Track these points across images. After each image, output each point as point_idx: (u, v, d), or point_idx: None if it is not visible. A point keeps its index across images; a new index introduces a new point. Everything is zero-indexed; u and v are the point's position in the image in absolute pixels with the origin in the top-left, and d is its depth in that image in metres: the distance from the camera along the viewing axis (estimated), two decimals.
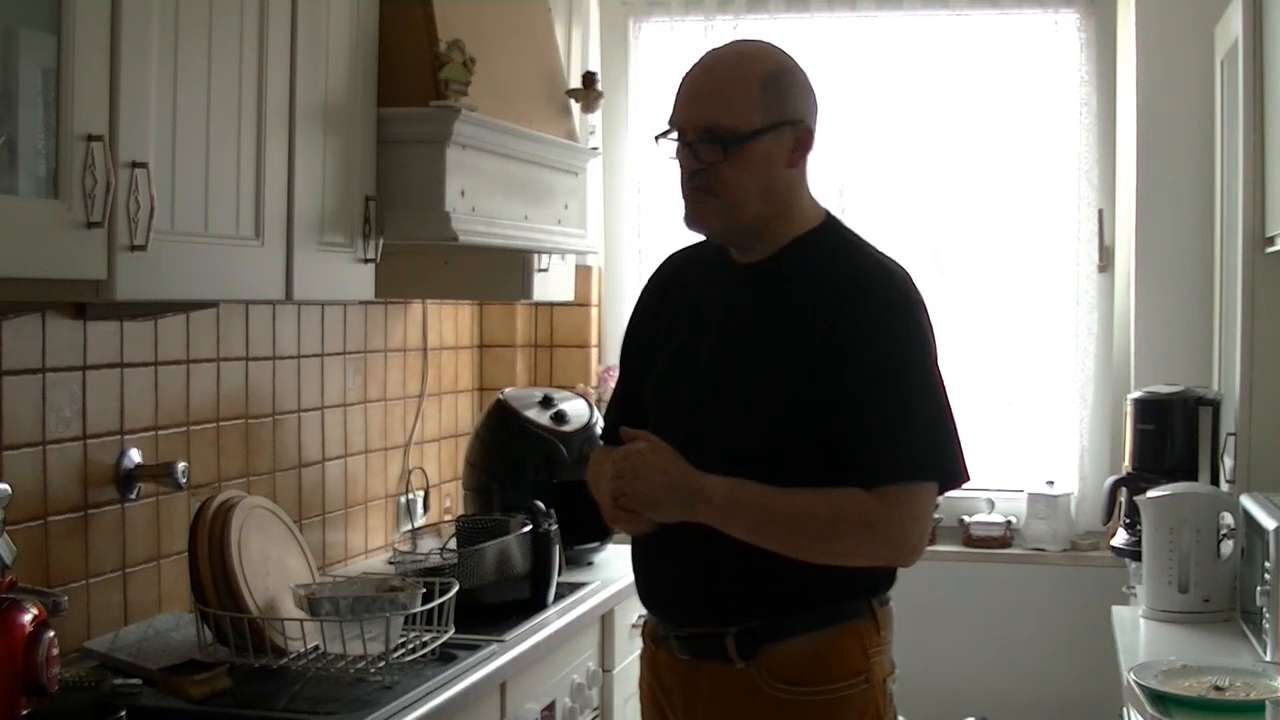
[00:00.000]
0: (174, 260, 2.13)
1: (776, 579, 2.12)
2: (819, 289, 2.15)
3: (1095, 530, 4.06)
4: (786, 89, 2.17)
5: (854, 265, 2.18)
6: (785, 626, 2.13)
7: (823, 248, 2.20)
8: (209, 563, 2.45)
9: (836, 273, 2.16)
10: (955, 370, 4.32)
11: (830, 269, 2.17)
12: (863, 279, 2.15)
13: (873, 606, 2.17)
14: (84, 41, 1.91)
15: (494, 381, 4.19)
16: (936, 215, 4.31)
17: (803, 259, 2.19)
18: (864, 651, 2.14)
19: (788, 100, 2.16)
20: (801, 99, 2.19)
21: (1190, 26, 3.79)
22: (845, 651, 2.14)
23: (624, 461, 2.14)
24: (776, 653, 2.13)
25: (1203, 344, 3.72)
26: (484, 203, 2.92)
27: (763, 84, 2.14)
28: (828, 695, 2.13)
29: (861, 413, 2.08)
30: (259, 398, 3.04)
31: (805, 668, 2.13)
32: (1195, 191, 3.80)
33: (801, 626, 2.13)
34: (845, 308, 2.11)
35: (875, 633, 2.16)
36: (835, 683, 2.13)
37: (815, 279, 2.16)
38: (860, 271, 2.17)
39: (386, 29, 2.76)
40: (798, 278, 2.17)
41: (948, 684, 4.11)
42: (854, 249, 2.23)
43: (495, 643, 2.72)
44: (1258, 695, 2.31)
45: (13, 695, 1.85)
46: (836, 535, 2.08)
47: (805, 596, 2.13)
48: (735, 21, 4.33)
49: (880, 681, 2.17)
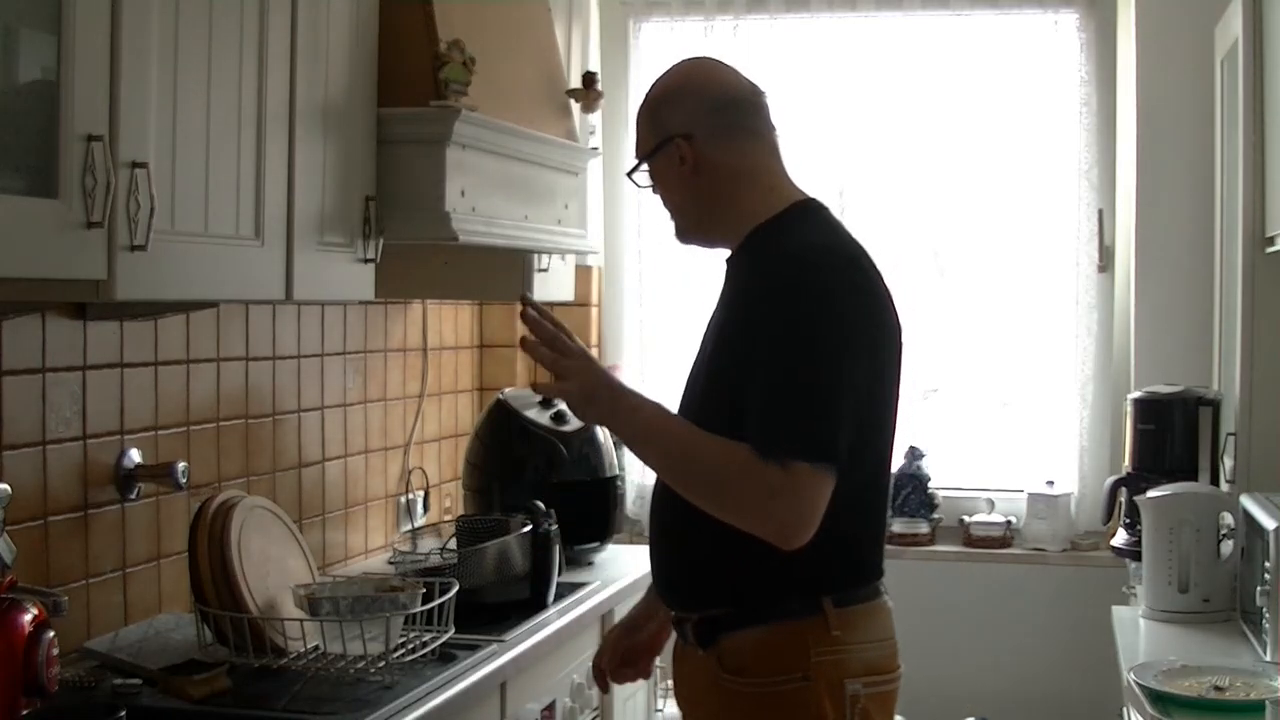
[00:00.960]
0: (174, 260, 2.13)
1: (731, 571, 2.17)
2: (752, 273, 2.22)
3: (1095, 530, 4.07)
4: (670, 106, 2.29)
5: (781, 249, 2.20)
6: (737, 618, 2.17)
7: (769, 234, 2.25)
8: (209, 563, 2.45)
9: (767, 256, 2.21)
10: (955, 370, 4.38)
11: (762, 256, 2.22)
12: (781, 262, 2.17)
13: (824, 605, 2.15)
14: (84, 41, 1.91)
15: (494, 381, 4.19)
16: (936, 215, 4.32)
17: (753, 247, 2.26)
18: (805, 650, 2.13)
19: (671, 117, 2.27)
20: (684, 111, 2.27)
21: (1190, 26, 3.79)
22: (784, 648, 2.15)
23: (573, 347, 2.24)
24: (729, 643, 2.18)
25: (1203, 344, 3.72)
26: (484, 203, 2.92)
27: (651, 111, 2.31)
28: (762, 689, 2.15)
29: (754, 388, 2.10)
30: (259, 398, 3.05)
31: (748, 659, 2.16)
32: (1195, 191, 3.80)
33: (751, 619, 2.16)
34: (761, 290, 2.16)
35: (825, 632, 2.14)
36: (770, 677, 2.15)
37: (754, 265, 2.23)
38: (783, 255, 2.19)
39: (386, 29, 2.76)
40: (745, 265, 2.26)
41: (948, 684, 4.11)
42: (794, 233, 2.24)
43: (495, 643, 2.72)
44: (1258, 695, 2.31)
45: (13, 695, 1.85)
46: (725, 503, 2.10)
47: (755, 589, 2.15)
48: (735, 21, 4.33)
49: (831, 682, 2.13)
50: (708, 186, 2.27)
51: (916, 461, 4.25)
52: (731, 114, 2.27)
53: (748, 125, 2.28)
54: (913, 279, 4.34)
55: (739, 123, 2.27)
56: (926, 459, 4.26)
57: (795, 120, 4.29)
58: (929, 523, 4.24)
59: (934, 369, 4.43)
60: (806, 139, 4.29)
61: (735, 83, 2.31)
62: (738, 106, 2.28)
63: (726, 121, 2.26)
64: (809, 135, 4.29)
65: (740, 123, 2.28)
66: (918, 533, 4.23)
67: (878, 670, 2.19)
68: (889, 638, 2.23)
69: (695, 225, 2.32)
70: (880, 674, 2.19)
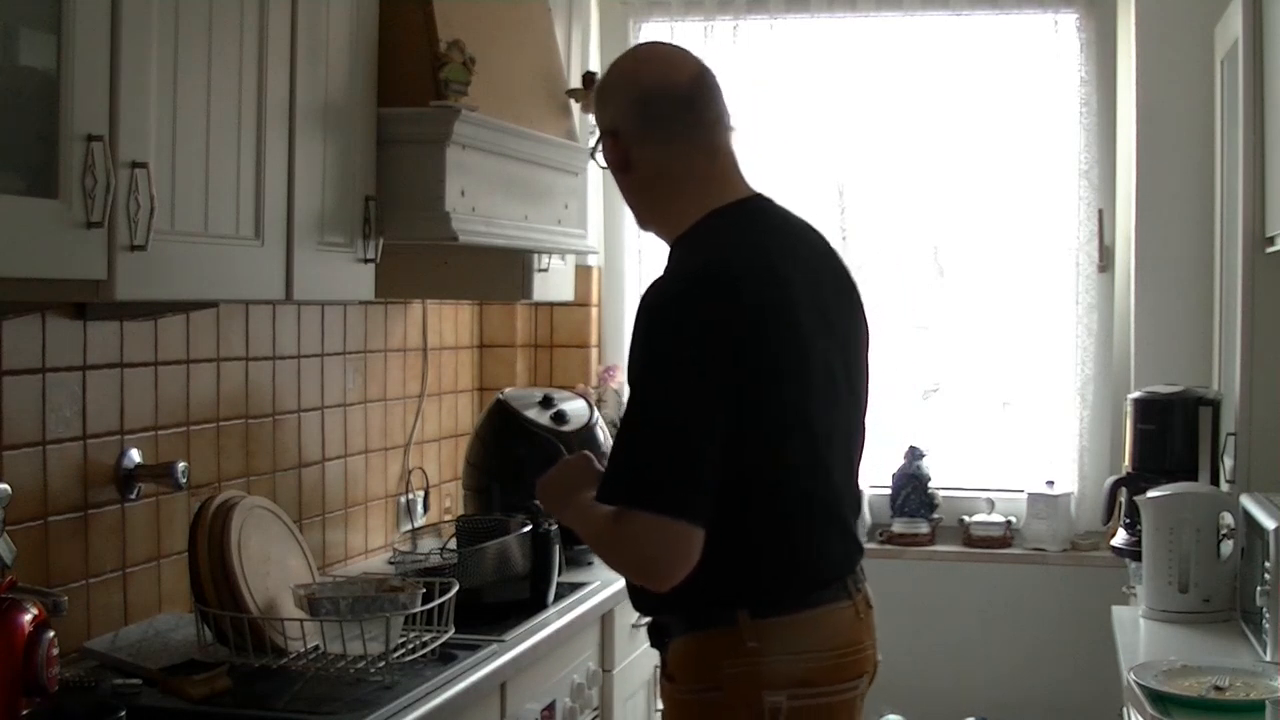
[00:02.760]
0: (174, 260, 2.13)
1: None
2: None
3: (1095, 530, 4.07)
4: (602, 100, 2.27)
5: (654, 280, 2.15)
6: (677, 625, 2.21)
7: (674, 251, 2.26)
8: (209, 563, 2.45)
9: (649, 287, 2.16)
10: (955, 370, 4.38)
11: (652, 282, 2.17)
12: (642, 299, 2.13)
13: (739, 617, 2.11)
14: (84, 41, 1.91)
15: (494, 381, 4.19)
16: (936, 215, 4.32)
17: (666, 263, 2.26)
18: (718, 661, 2.12)
19: (602, 112, 2.27)
20: (613, 106, 2.24)
21: (1190, 26, 3.79)
22: (700, 657, 2.16)
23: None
24: (671, 649, 2.23)
25: (1203, 344, 3.72)
26: (484, 203, 2.92)
27: (595, 103, 2.30)
28: (686, 696, 2.19)
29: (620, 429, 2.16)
30: (259, 398, 3.05)
31: (676, 667, 2.21)
32: (1195, 191, 3.80)
33: (685, 627, 2.19)
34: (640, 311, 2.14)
35: (740, 644, 2.11)
36: (691, 685, 2.18)
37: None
38: (646, 290, 2.13)
39: (386, 29, 2.76)
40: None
41: (948, 684, 4.11)
42: (678, 258, 2.23)
43: (495, 643, 2.72)
44: (1258, 695, 2.31)
45: (13, 695, 1.85)
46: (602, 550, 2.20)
47: (682, 599, 2.11)
48: (735, 21, 4.33)
49: (745, 694, 2.11)
50: (638, 184, 2.26)
51: (916, 461, 4.25)
52: (659, 110, 2.20)
53: (678, 123, 2.20)
54: (913, 279, 4.35)
55: (667, 121, 2.20)
56: (926, 459, 4.26)
57: (795, 120, 4.31)
58: (929, 523, 4.24)
59: (934, 369, 4.44)
60: (806, 139, 4.30)
61: (668, 75, 2.21)
62: (668, 102, 2.20)
63: (653, 119, 2.20)
64: (809, 135, 4.30)
65: (668, 121, 2.20)
66: (918, 533, 4.23)
67: (807, 682, 2.12)
68: (827, 649, 2.15)
69: (641, 218, 2.34)
70: (811, 686, 2.13)
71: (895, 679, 4.14)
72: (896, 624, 4.34)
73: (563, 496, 2.30)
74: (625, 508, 2.06)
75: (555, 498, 2.32)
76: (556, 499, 2.32)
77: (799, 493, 2.17)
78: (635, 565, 2.12)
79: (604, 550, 2.19)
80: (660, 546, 2.04)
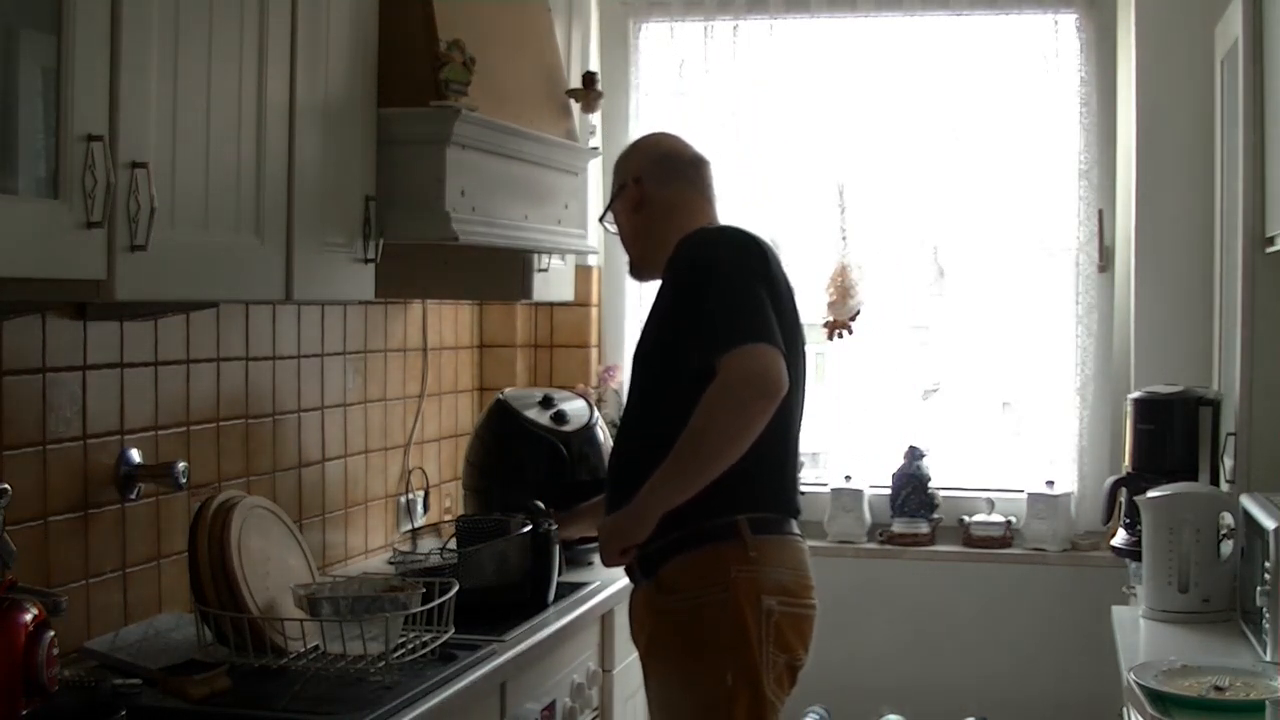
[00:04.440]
0: (174, 260, 2.13)
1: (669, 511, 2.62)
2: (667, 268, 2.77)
3: (1095, 530, 4.07)
4: (625, 159, 2.97)
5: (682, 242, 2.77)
6: (671, 548, 2.64)
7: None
8: (209, 563, 2.45)
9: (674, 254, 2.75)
10: (955, 370, 4.38)
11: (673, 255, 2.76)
12: (681, 244, 2.74)
13: (740, 530, 2.62)
14: (84, 41, 1.91)
15: (494, 381, 4.20)
16: (936, 215, 4.31)
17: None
18: (725, 567, 2.61)
19: (626, 166, 2.95)
20: (635, 161, 2.94)
21: (1190, 26, 3.79)
22: (707, 566, 2.63)
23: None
24: (665, 571, 2.66)
25: (1203, 344, 3.72)
26: (484, 203, 2.92)
27: (615, 165, 2.99)
28: (689, 602, 2.63)
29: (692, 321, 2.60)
30: (259, 398, 3.05)
31: (676, 580, 2.65)
32: (1195, 191, 3.80)
33: (683, 547, 2.64)
34: (674, 265, 2.74)
35: (744, 552, 2.62)
36: (694, 590, 2.63)
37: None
38: (682, 242, 2.75)
39: (386, 29, 2.76)
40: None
41: (948, 684, 4.11)
42: (679, 253, 2.76)
43: (495, 643, 2.72)
44: (1258, 695, 2.31)
45: (13, 695, 1.85)
46: (714, 416, 2.53)
47: (680, 519, 2.60)
48: (735, 21, 4.33)
49: (748, 595, 2.60)
50: (647, 220, 2.89)
51: (916, 461, 4.25)
52: (671, 165, 2.91)
53: (685, 175, 2.90)
54: (912, 278, 4.35)
55: (677, 172, 2.90)
56: (926, 459, 4.26)
57: (795, 120, 4.31)
58: (929, 523, 4.24)
59: (934, 368, 4.44)
60: (806, 139, 4.30)
61: (680, 146, 2.96)
62: (679, 160, 2.92)
63: (667, 170, 2.90)
64: (809, 135, 4.30)
65: (678, 173, 2.90)
66: (918, 533, 4.23)
67: (790, 592, 2.65)
68: (801, 568, 2.69)
69: (641, 256, 2.93)
70: (792, 596, 2.65)
71: (895, 679, 4.16)
72: (896, 624, 4.36)
73: (619, 518, 2.69)
74: (749, 343, 2.52)
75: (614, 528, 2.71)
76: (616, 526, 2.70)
77: (787, 434, 2.73)
78: (760, 386, 2.51)
79: (725, 399, 2.52)
80: (779, 370, 2.54)
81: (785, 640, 2.63)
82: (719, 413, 2.52)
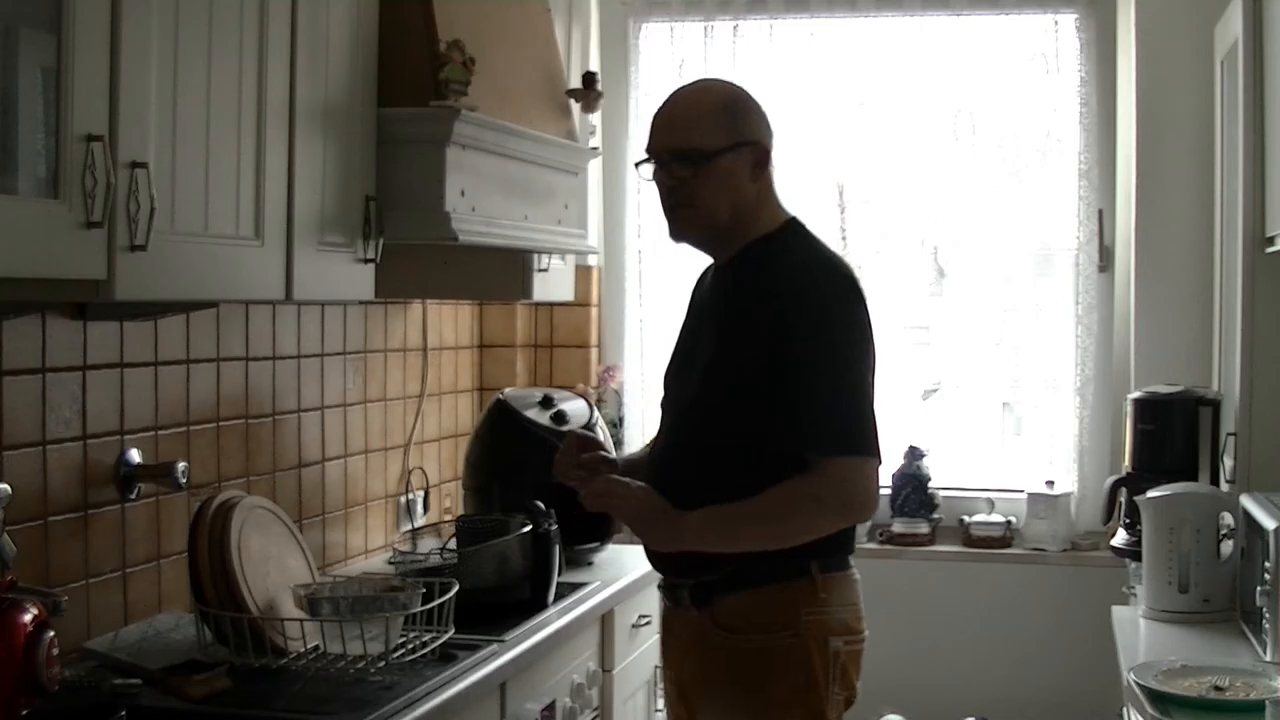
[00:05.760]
0: (174, 260, 2.13)
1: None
2: (760, 281, 2.46)
3: (1095, 530, 4.06)
4: (743, 114, 2.52)
5: (792, 260, 2.48)
6: (732, 582, 2.44)
7: (774, 248, 2.50)
8: (209, 563, 2.45)
9: (778, 267, 2.47)
10: (955, 370, 4.37)
11: (774, 265, 2.47)
12: (795, 272, 2.45)
13: (812, 570, 2.44)
14: (84, 41, 1.91)
15: (494, 381, 4.19)
16: (936, 215, 4.31)
17: (756, 257, 2.50)
18: (796, 609, 2.43)
19: (744, 124, 2.51)
20: (756, 123, 2.53)
21: (1190, 26, 3.79)
22: (777, 607, 2.44)
23: (613, 484, 2.50)
24: (724, 604, 2.46)
25: (1203, 344, 3.72)
26: (484, 203, 2.92)
27: (722, 110, 2.50)
28: (755, 643, 2.44)
29: (791, 391, 2.39)
30: (259, 398, 3.05)
31: (741, 618, 2.45)
32: (1195, 191, 3.80)
33: (745, 583, 2.44)
34: (775, 297, 2.43)
35: (814, 594, 2.44)
36: (762, 633, 2.44)
37: (761, 273, 2.47)
38: (795, 265, 2.47)
39: (386, 29, 2.76)
40: (749, 273, 2.49)
41: (948, 684, 4.11)
42: (799, 248, 2.52)
43: (495, 643, 2.72)
44: (1258, 695, 2.31)
45: (13, 695, 1.85)
46: (793, 516, 2.40)
47: (750, 556, 2.42)
48: (735, 21, 4.33)
49: (817, 639, 2.43)
50: (750, 194, 2.50)
51: (916, 461, 4.25)
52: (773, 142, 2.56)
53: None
54: (912, 279, 4.35)
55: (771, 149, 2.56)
56: (926, 459, 4.26)
57: (795, 120, 4.30)
58: (929, 523, 4.24)
59: (934, 369, 4.44)
60: (806, 139, 4.29)
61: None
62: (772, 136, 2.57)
63: (774, 142, 2.55)
64: (809, 135, 4.29)
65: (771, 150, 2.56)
66: (918, 533, 4.23)
67: (852, 630, 2.49)
68: (859, 602, 2.53)
69: (723, 225, 2.50)
70: (853, 634, 2.50)
71: (895, 679, 4.15)
72: (896, 624, 4.35)
73: (662, 517, 2.45)
74: (854, 456, 2.39)
75: (653, 522, 2.46)
76: (656, 522, 2.46)
77: None
78: (854, 504, 2.42)
79: (812, 511, 2.39)
80: (875, 490, 2.43)
81: (848, 678, 2.49)
82: (800, 519, 2.39)
